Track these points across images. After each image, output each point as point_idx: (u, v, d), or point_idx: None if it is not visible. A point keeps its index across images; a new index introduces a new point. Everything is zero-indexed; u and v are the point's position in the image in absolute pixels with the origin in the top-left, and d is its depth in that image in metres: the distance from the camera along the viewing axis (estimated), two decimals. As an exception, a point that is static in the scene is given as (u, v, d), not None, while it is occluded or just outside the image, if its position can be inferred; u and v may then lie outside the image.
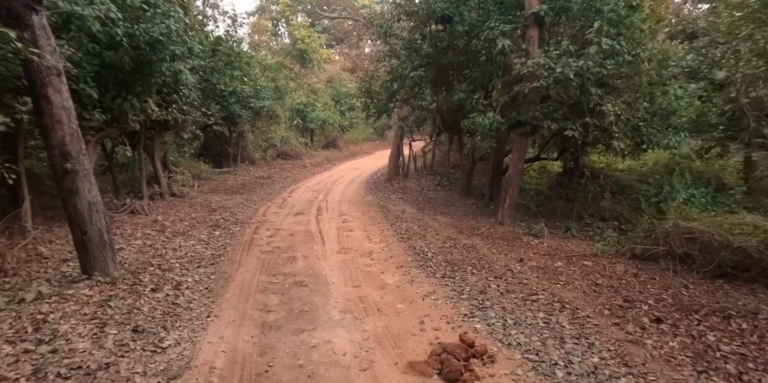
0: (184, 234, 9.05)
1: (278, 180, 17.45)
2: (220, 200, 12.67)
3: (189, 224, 9.83)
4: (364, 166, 22.66)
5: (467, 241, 8.73)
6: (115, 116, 8.29)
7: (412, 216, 11.17)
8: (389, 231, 9.74)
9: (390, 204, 12.66)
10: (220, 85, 15.12)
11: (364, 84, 13.69)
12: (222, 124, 16.98)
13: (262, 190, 15.15)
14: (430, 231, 9.63)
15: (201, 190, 14.29)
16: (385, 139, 38.41)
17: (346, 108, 30.96)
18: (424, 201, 13.05)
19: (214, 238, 8.97)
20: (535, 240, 8.76)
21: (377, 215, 11.36)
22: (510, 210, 9.57)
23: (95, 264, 5.95)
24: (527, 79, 8.81)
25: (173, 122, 10.59)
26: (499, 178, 11.81)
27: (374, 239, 9.03)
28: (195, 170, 15.86)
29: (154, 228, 9.27)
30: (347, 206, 12.57)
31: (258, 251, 8.18)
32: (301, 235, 9.37)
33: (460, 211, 11.56)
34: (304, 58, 29.12)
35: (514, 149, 9.29)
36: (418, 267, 7.28)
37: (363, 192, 15.16)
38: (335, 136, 28.83)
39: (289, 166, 21.00)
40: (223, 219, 10.57)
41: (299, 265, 7.41)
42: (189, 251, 7.98)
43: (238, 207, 12.08)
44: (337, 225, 10.31)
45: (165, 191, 12.33)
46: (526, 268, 7.13)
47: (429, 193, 14.30)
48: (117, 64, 7.88)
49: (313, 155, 24.25)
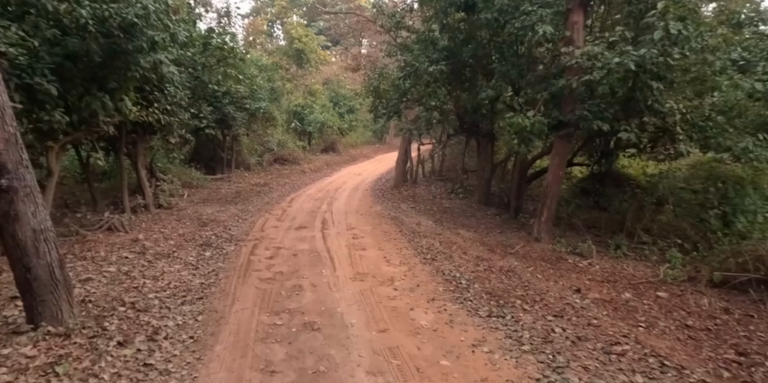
0: (168, 257, 7.59)
1: (276, 187, 16.01)
2: (212, 212, 11.22)
3: (175, 243, 8.37)
4: (366, 171, 21.27)
5: (503, 263, 7.35)
6: (83, 117, 6.85)
7: (431, 229, 9.77)
8: (408, 249, 8.34)
9: (402, 216, 11.26)
10: (212, 85, 13.70)
11: (372, 82, 12.32)
12: (215, 126, 15.52)
13: (258, 199, 13.70)
14: (455, 249, 8.24)
15: (191, 199, 12.82)
16: (385, 143, 37.11)
17: (345, 110, 29.58)
18: (440, 212, 11.66)
19: (203, 261, 7.52)
20: (583, 262, 7.39)
21: (390, 229, 9.95)
22: (548, 225, 8.21)
23: (44, 310, 4.50)
24: (570, 71, 7.47)
25: (157, 125, 9.14)
26: (526, 185, 10.47)
27: (393, 260, 7.63)
28: (185, 177, 14.39)
29: (133, 249, 7.81)
30: (355, 218, 11.15)
31: (256, 278, 6.75)
32: (306, 256, 7.94)
33: (483, 224, 10.18)
34: (302, 58, 27.70)
35: (554, 154, 7.93)
36: (454, 300, 5.87)
37: (370, 200, 13.75)
38: (334, 140, 27.43)
39: (287, 171, 19.56)
40: (215, 235, 9.12)
41: (307, 298, 5.99)
42: (173, 280, 6.53)
43: (232, 220, 10.63)
44: (347, 242, 8.89)
45: (150, 203, 10.86)
46: (589, 302, 5.75)
47: (443, 202, 12.91)
48: (83, 54, 6.45)
49: (311, 160, 22.81)
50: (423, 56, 9.73)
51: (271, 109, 18.32)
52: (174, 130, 10.75)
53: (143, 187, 10.85)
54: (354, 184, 17.13)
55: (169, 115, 9.57)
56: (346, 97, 30.08)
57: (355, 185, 16.93)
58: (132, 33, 6.46)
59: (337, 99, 29.78)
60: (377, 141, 37.08)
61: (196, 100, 12.16)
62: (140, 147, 10.89)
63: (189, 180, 14.40)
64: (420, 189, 15.01)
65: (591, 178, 12.20)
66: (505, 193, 12.44)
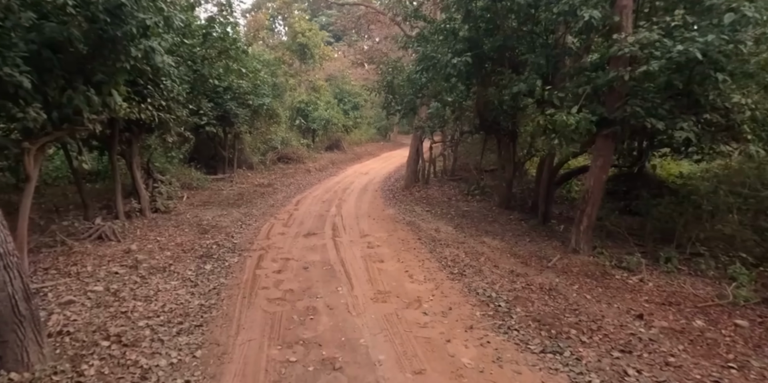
0: (163, 271, 6.71)
1: (281, 188, 15.11)
2: (213, 216, 10.32)
3: (172, 254, 7.48)
4: (373, 170, 20.36)
5: (542, 279, 6.45)
6: (65, 114, 5.94)
7: (452, 237, 8.88)
8: (431, 261, 7.45)
9: (419, 220, 10.37)
10: (212, 80, 12.77)
11: (385, 76, 11.38)
12: (216, 124, 14.61)
13: (262, 201, 12.81)
14: (484, 261, 7.35)
15: (191, 202, 11.93)
16: (389, 140, 36.18)
17: (350, 106, 28.62)
18: (458, 216, 10.76)
19: (203, 276, 6.64)
20: (633, 278, 6.49)
21: (408, 236, 9.06)
22: (588, 235, 7.32)
23: (5, 353, 3.63)
24: (617, 62, 6.56)
25: (152, 122, 8.24)
26: (555, 188, 9.58)
27: (416, 275, 6.74)
28: (185, 178, 13.50)
29: (125, 262, 6.92)
30: (368, 223, 10.26)
31: (263, 298, 5.87)
32: (318, 269, 7.06)
33: (508, 231, 9.28)
34: (305, 52, 26.73)
35: (597, 155, 7.02)
36: (496, 329, 4.99)
37: (381, 203, 12.86)
38: (339, 137, 26.49)
39: (291, 170, 18.65)
40: (216, 244, 8.23)
41: (324, 325, 5.11)
42: (168, 301, 5.65)
43: (235, 225, 9.74)
44: (362, 251, 8.00)
45: (146, 207, 9.97)
46: (657, 332, 4.86)
47: (460, 204, 12.01)
48: (64, 42, 5.54)
49: (316, 158, 21.90)
50: (444, 47, 8.80)
51: (274, 105, 17.41)
52: (171, 128, 9.84)
53: (138, 190, 9.96)
54: (362, 185, 16.22)
55: (165, 112, 8.67)
56: (350, 93, 29.12)
57: (363, 185, 16.03)
58: (119, 16, 5.54)
59: (341, 95, 28.81)
60: (382, 138, 36.15)
61: (196, 96, 11.24)
62: (135, 146, 9.99)
63: (189, 180, 13.50)
64: (433, 190, 14.12)
65: (618, 179, 11.29)
66: (528, 196, 11.55)
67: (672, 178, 11.68)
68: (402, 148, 31.97)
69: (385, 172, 19.94)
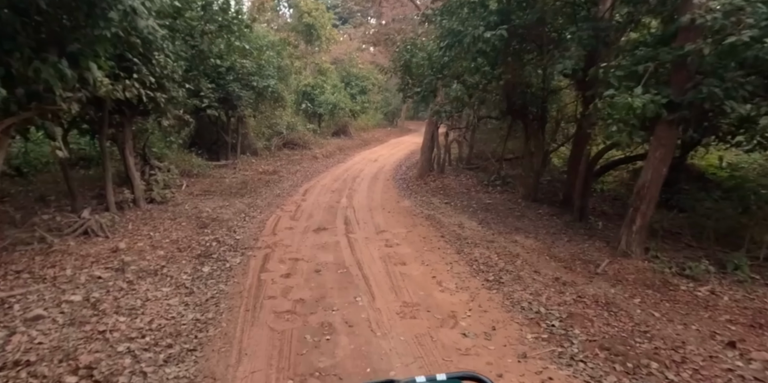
0: (155, 275, 5.76)
1: (287, 175, 14.10)
2: (214, 207, 9.35)
3: (165, 254, 6.52)
4: (382, 158, 19.30)
5: (594, 290, 5.47)
6: (33, 91, 4.91)
7: (479, 234, 7.89)
8: (460, 264, 6.47)
9: (438, 214, 9.37)
10: (213, 59, 11.66)
11: (402, 55, 10.24)
12: (218, 107, 13.54)
13: (267, 190, 11.82)
14: (521, 265, 6.37)
15: (190, 191, 10.95)
16: (396, 126, 34.96)
17: (357, 91, 27.37)
18: (481, 209, 9.75)
19: (200, 281, 5.69)
20: (701, 289, 5.50)
21: (429, 232, 8.07)
22: (641, 236, 6.32)
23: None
24: (689, 34, 5.45)
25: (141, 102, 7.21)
26: (593, 180, 8.55)
27: (446, 282, 5.77)
28: (184, 164, 12.50)
29: (110, 263, 5.97)
30: (383, 216, 9.27)
31: (270, 311, 4.92)
32: (332, 273, 6.10)
33: (541, 227, 8.27)
34: (311, 33, 25.37)
35: (656, 145, 5.96)
36: (557, 358, 4.02)
37: (394, 193, 11.85)
38: (346, 123, 25.36)
39: (297, 157, 17.61)
40: (216, 241, 7.27)
41: (343, 349, 4.15)
42: (157, 315, 4.71)
43: (237, 218, 8.77)
44: (380, 251, 7.03)
45: (140, 196, 8.99)
46: (760, 367, 3.88)
47: (481, 196, 10.99)
48: (29, 1, 4.48)
49: (323, 144, 20.83)
50: (474, 20, 7.66)
51: (279, 87, 16.28)
52: (167, 110, 8.80)
53: (131, 178, 8.96)
54: (372, 173, 15.20)
55: (161, 91, 7.61)
56: (358, 77, 27.84)
57: (373, 174, 15.01)
58: (93, -31, 4.48)
59: (348, 79, 27.55)
60: (389, 124, 34.95)
61: (195, 75, 10.15)
62: (128, 130, 8.96)
63: (189, 167, 12.50)
64: (449, 179, 13.09)
65: None
66: (557, 188, 10.52)
67: (712, 169, 10.63)
68: (410, 135, 30.82)
69: (395, 159, 18.89)
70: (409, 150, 22.16)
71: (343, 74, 27.89)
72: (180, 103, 9.19)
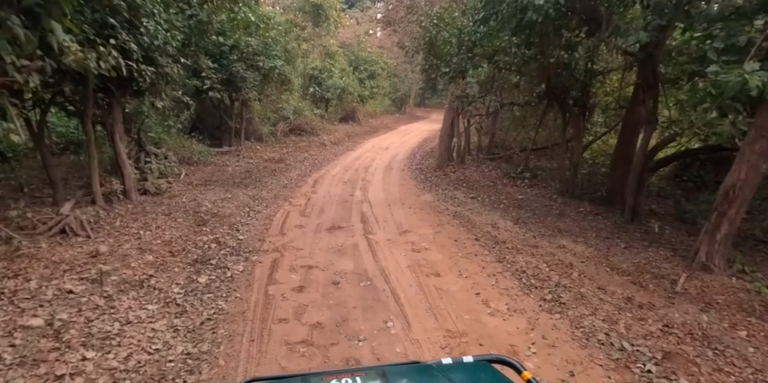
0: (140, 288, 4.68)
1: (294, 164, 12.95)
2: (215, 200, 8.24)
3: (155, 259, 5.42)
4: (393, 145, 18.11)
5: (680, 315, 4.36)
6: (-24, 57, 3.74)
7: (518, 237, 6.77)
8: (505, 275, 5.36)
9: (466, 211, 8.24)
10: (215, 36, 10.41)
11: (429, 30, 8.96)
12: (220, 89, 12.36)
13: (274, 180, 10.69)
14: (579, 278, 5.26)
15: (190, 180, 9.82)
16: (405, 113, 33.60)
17: (366, 75, 26.00)
18: (514, 206, 8.61)
19: (195, 297, 4.60)
20: (814, 317, 4.38)
21: (460, 233, 6.95)
22: (726, 246, 5.18)
23: None
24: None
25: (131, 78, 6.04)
26: (649, 176, 7.38)
27: (493, 301, 4.67)
28: (184, 151, 11.35)
29: (86, 272, 4.88)
30: (403, 212, 8.15)
31: (281, 342, 3.83)
32: (353, 285, 5.01)
33: (588, 229, 7.14)
34: (319, 14, 23.93)
35: (756, 136, 4.76)
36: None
37: (412, 185, 10.70)
38: (354, 108, 24.06)
39: (304, 144, 16.42)
40: (216, 242, 6.17)
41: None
42: (137, 347, 3.63)
43: (240, 213, 7.67)
44: (407, 257, 5.92)
45: (131, 187, 7.86)
46: None
47: (509, 191, 9.83)
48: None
49: (330, 130, 19.60)
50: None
51: (286, 70, 15.01)
52: (161, 89, 7.64)
53: (122, 166, 7.83)
54: (385, 162, 14.03)
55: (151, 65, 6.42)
56: (366, 61, 26.44)
57: (386, 163, 13.84)
58: None
59: (356, 62, 26.16)
60: (397, 110, 33.62)
61: (193, 51, 8.92)
62: (117, 111, 7.79)
63: (189, 154, 11.35)
64: (470, 170, 11.91)
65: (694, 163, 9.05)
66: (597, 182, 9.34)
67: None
68: (419, 121, 29.53)
69: (407, 147, 17.70)
70: (420, 137, 20.96)
71: (351, 58, 26.48)
72: (176, 82, 8.00)
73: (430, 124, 27.61)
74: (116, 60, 4.81)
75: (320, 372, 1.34)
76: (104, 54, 4.57)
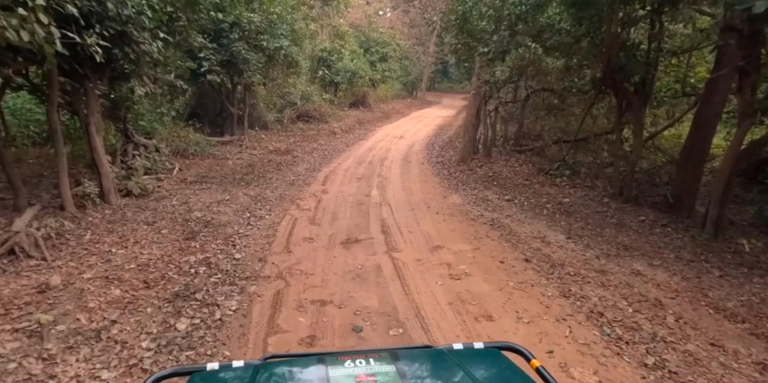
0: (96, 341, 3.41)
1: (302, 156, 11.58)
2: (210, 203, 6.93)
3: (123, 294, 4.13)
4: (408, 134, 16.64)
5: None
6: None
7: (576, 256, 5.42)
8: (577, 319, 4.03)
9: (504, 218, 6.88)
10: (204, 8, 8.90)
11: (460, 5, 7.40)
12: (220, 71, 10.95)
13: (279, 175, 9.35)
14: (677, 325, 3.91)
15: (183, 176, 8.50)
16: (416, 98, 31.89)
17: (377, 58, 24.29)
18: (559, 211, 7.23)
19: (170, 354, 3.32)
20: None
21: (504, 251, 5.60)
22: None
23: None
24: None
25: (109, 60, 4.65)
26: (734, 180, 5.96)
27: (574, 364, 3.34)
28: (179, 142, 9.98)
29: (25, 319, 3.60)
30: (431, 220, 6.80)
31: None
32: (379, 334, 3.71)
33: (662, 247, 5.75)
34: (328, -8, 22.19)
35: None
36: None
37: (435, 183, 9.33)
38: (365, 93, 22.50)
39: (313, 132, 14.98)
40: (205, 265, 4.87)
41: None
42: None
43: (239, 221, 6.36)
44: (445, 287, 4.59)
45: (110, 189, 6.55)
46: None
47: (549, 191, 8.42)
48: None
49: (340, 117, 18.12)
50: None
51: (293, 51, 13.49)
52: (141, 72, 6.26)
53: (98, 164, 6.51)
54: (401, 153, 12.62)
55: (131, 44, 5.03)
56: (378, 42, 24.71)
57: (403, 154, 12.44)
58: None
59: (368, 44, 24.45)
60: (408, 95, 31.90)
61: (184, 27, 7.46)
62: (93, 98, 6.43)
63: (184, 145, 9.99)
64: (498, 165, 10.48)
65: None
66: (655, 184, 7.89)
67: None
68: (431, 107, 27.90)
69: (423, 135, 16.23)
70: (435, 124, 19.46)
71: (361, 39, 24.75)
72: (161, 63, 6.61)
73: (442, 110, 26.02)
74: (47, 29, 3.40)
75: (335, 352, 1.34)
76: (27, 19, 3.18)
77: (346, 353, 1.30)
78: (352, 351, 1.31)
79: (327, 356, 1.29)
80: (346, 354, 1.29)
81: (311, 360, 1.28)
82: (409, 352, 1.40)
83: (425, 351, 1.44)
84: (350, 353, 1.29)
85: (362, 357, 1.24)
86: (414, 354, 1.39)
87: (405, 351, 1.36)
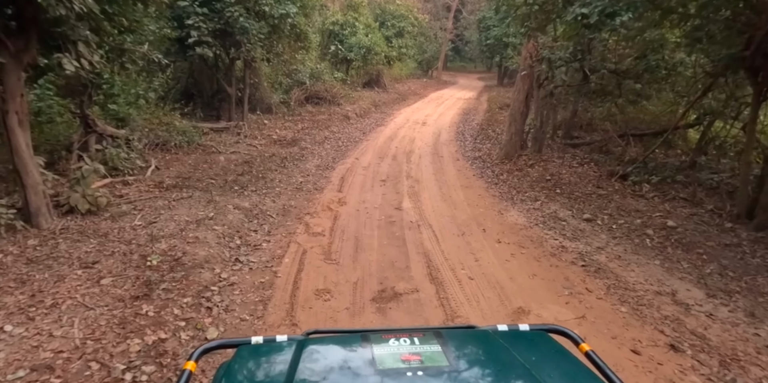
0: None
1: (311, 147, 9.41)
2: (185, 224, 4.85)
3: None
4: (430, 119, 14.34)
5: None
6: None
7: (742, 336, 3.33)
8: None
9: (597, 254, 4.76)
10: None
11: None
12: (213, 43, 8.75)
13: (283, 176, 7.23)
14: None
15: (158, 180, 6.38)
16: (432, 78, 29.22)
17: (393, 33, 21.64)
18: (669, 242, 5.08)
19: None
20: None
21: (625, 321, 3.52)
22: None
23: None
24: None
25: None
26: None
27: None
28: (159, 131, 7.82)
29: None
30: (494, 255, 4.69)
31: None
32: None
33: None
34: (341, -43, 19.48)
35: None
36: None
37: (481, 188, 7.18)
38: (379, 71, 20.02)
39: (324, 116, 12.71)
40: (154, 362, 2.82)
41: None
42: None
43: (222, 254, 4.30)
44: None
45: (40, 206, 4.47)
46: None
47: (638, 206, 6.24)
48: None
49: (354, 98, 15.76)
50: None
51: (301, 21, 11.12)
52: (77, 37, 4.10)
53: (21, 172, 4.41)
54: (428, 144, 10.41)
55: None
56: (395, 16, 22.01)
57: (431, 146, 10.23)
58: None
59: (383, 17, 21.77)
60: (423, 74, 29.25)
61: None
62: (12, 77, 4.29)
63: (165, 135, 7.83)
64: (553, 164, 8.26)
65: None
66: None
67: None
68: (448, 87, 25.35)
69: (448, 121, 13.92)
70: (458, 108, 17.10)
71: (377, 12, 22.03)
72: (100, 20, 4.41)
73: (462, 91, 23.53)
74: None
75: (378, 329, 1.28)
76: None
77: (389, 330, 1.23)
78: (396, 329, 1.23)
79: (371, 333, 1.21)
80: (389, 331, 1.21)
81: (355, 338, 1.21)
82: (454, 332, 1.36)
83: (470, 332, 1.37)
84: (394, 330, 1.22)
85: (406, 335, 1.16)
86: (458, 335, 1.34)
87: (450, 331, 1.30)
